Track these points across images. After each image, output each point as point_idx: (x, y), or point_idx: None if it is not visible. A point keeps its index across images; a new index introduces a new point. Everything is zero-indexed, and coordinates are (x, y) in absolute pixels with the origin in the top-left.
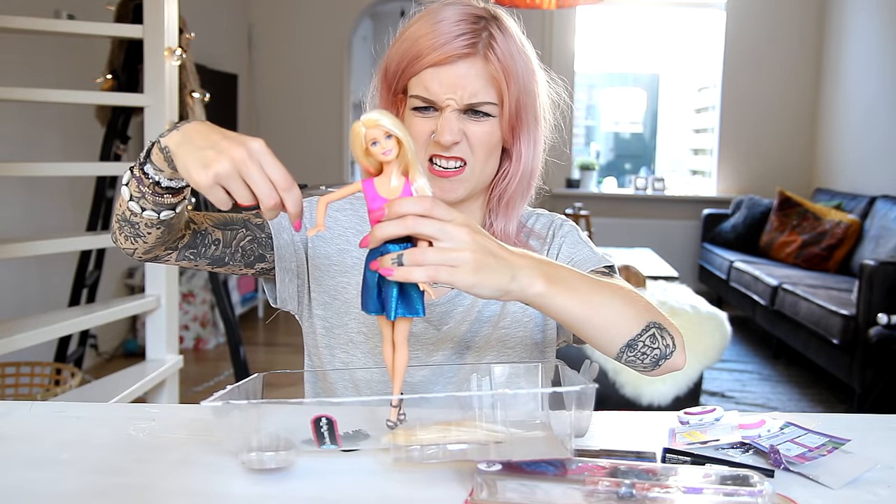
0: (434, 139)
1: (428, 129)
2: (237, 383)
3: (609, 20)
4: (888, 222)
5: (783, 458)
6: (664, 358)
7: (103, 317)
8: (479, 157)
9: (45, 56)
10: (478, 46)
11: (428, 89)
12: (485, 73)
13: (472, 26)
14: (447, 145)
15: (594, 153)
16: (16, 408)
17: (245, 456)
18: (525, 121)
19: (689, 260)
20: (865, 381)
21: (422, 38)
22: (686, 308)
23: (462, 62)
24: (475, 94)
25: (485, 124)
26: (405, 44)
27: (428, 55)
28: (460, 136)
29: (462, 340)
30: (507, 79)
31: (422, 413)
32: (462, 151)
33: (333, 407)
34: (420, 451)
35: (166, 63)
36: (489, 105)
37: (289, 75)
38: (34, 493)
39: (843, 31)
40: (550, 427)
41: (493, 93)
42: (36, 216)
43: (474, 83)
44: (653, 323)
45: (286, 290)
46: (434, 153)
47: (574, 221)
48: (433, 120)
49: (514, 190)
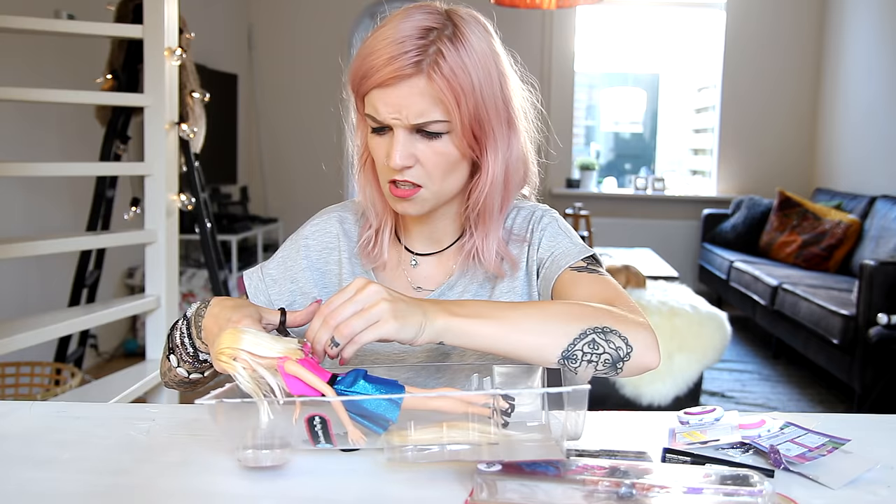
0: (386, 163)
1: (383, 151)
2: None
3: (609, 20)
4: (888, 222)
5: (783, 458)
6: (620, 360)
7: (103, 317)
8: (436, 178)
9: (45, 56)
10: (422, 65)
11: (376, 110)
12: (429, 93)
13: (418, 42)
14: (398, 169)
15: (594, 153)
16: (16, 408)
17: (241, 453)
18: (489, 131)
19: (689, 260)
20: (865, 381)
21: (370, 56)
22: (686, 308)
23: (404, 83)
24: (420, 115)
25: (437, 143)
26: (359, 60)
27: (373, 76)
28: (411, 160)
29: (436, 349)
30: (455, 95)
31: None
32: (414, 175)
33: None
34: (414, 452)
35: (166, 63)
36: (438, 123)
37: (289, 75)
38: (34, 493)
39: (843, 31)
40: (549, 429)
41: (440, 111)
42: (36, 216)
43: (419, 103)
44: (592, 328)
45: None
46: (391, 178)
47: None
48: (388, 140)
49: (487, 201)
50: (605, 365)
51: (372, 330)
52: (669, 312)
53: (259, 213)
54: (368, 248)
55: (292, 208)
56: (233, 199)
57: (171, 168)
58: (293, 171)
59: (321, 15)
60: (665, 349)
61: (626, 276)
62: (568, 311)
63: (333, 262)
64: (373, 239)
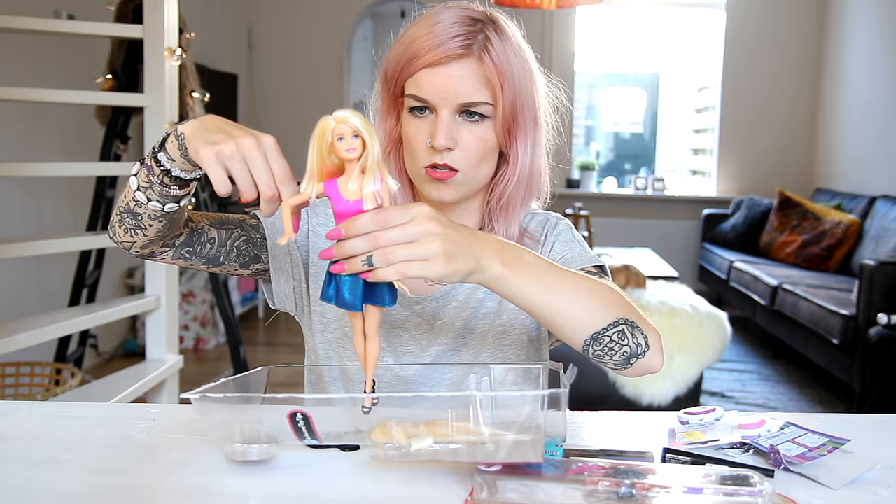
0: (429, 144)
1: (424, 134)
2: (234, 376)
3: (609, 20)
4: (888, 222)
5: (783, 458)
6: (635, 357)
7: (103, 317)
8: (472, 163)
9: (45, 56)
10: (473, 48)
11: (422, 89)
12: (479, 74)
13: (468, 28)
14: (440, 149)
15: (594, 153)
16: (16, 408)
17: (229, 448)
18: (521, 123)
19: (689, 260)
20: (865, 381)
21: (418, 40)
22: (686, 308)
23: (456, 63)
24: (469, 95)
25: (479, 127)
26: (402, 45)
27: (423, 56)
28: (453, 142)
29: (458, 335)
30: (501, 80)
31: (403, 412)
32: (453, 159)
33: (320, 404)
34: (397, 450)
35: (166, 63)
36: (483, 105)
37: (289, 75)
38: (34, 493)
39: (843, 31)
40: (540, 430)
41: (487, 94)
42: (36, 216)
43: (469, 84)
44: (623, 319)
45: (282, 290)
46: (429, 162)
47: (574, 221)
48: (429, 122)
49: (512, 192)
50: (622, 357)
51: (416, 266)
52: (669, 312)
53: None
54: None
55: None
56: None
57: None
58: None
59: (321, 15)
60: (665, 349)
61: (626, 276)
62: (610, 295)
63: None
64: None
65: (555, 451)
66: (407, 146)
